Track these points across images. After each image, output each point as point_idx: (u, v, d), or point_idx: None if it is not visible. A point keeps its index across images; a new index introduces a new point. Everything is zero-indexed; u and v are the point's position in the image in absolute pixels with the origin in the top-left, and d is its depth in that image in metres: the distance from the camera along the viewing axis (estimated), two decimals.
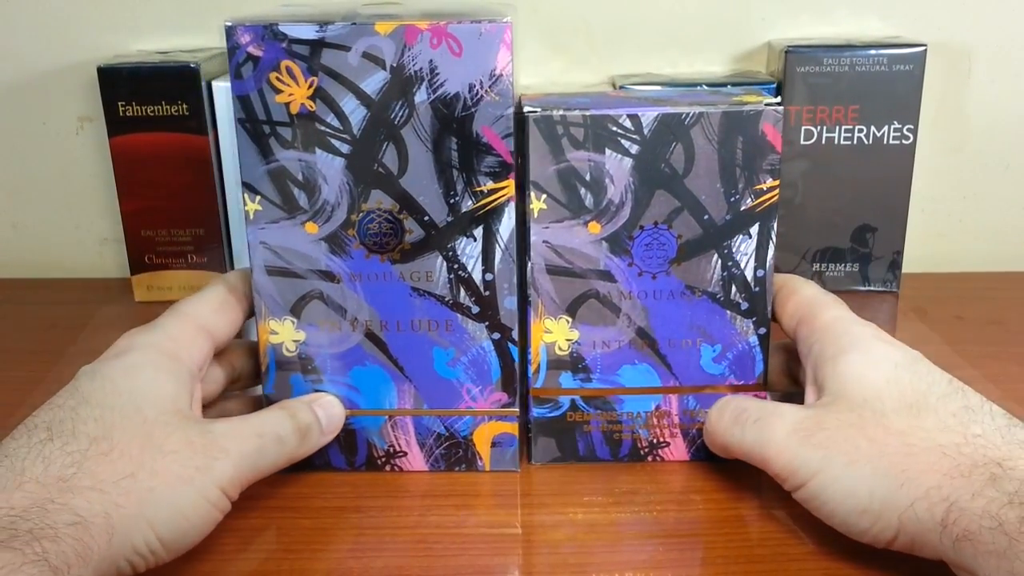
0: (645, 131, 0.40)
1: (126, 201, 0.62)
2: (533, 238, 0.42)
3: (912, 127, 0.61)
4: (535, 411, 0.45)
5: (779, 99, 0.41)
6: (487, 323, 0.43)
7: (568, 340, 0.43)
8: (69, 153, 0.70)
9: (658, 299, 0.43)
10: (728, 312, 0.43)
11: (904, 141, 0.62)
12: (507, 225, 0.41)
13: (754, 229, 0.42)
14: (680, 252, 0.42)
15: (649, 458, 0.45)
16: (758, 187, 0.41)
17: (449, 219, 0.41)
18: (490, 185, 0.41)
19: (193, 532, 0.36)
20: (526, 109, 0.41)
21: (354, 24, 0.39)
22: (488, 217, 0.41)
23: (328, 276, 0.42)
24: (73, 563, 0.32)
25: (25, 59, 0.68)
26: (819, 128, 0.62)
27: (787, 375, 0.47)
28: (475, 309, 0.42)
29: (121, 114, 0.60)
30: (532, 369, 0.44)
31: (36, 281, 0.71)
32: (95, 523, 0.33)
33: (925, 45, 0.60)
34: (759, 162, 0.41)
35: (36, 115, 0.69)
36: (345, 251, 0.42)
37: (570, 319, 0.43)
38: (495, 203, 0.41)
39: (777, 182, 0.42)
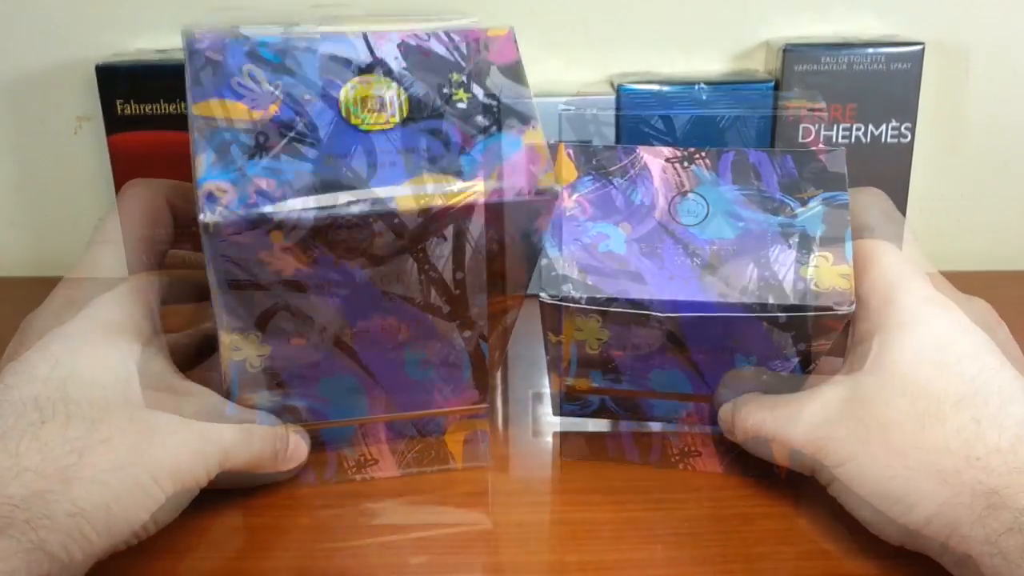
0: (678, 133, 0.40)
1: None
2: (565, 235, 0.42)
3: (910, 126, 0.62)
4: (565, 407, 0.45)
5: (822, 104, 0.40)
6: (458, 322, 0.42)
7: (598, 340, 0.43)
8: (67, 152, 0.70)
9: (690, 305, 0.42)
10: (765, 324, 0.42)
11: (902, 140, 0.62)
12: (476, 222, 0.41)
13: (794, 240, 0.40)
14: (713, 259, 0.41)
15: (680, 466, 0.45)
16: (800, 196, 0.40)
17: (420, 220, 0.40)
18: (460, 184, 0.40)
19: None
20: (560, 107, 0.41)
21: (322, 26, 0.38)
22: (459, 216, 0.40)
23: (295, 286, 0.40)
24: (76, 552, 0.32)
25: (23, 58, 0.68)
26: (817, 127, 0.62)
27: None
28: (446, 309, 0.42)
29: (119, 112, 0.60)
30: (563, 366, 0.44)
31: (34, 280, 0.71)
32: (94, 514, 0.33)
33: (923, 44, 0.60)
34: (802, 171, 0.40)
35: (34, 114, 0.69)
36: (313, 259, 0.40)
37: (600, 318, 0.43)
38: (465, 201, 0.40)
39: (819, 192, 0.40)
